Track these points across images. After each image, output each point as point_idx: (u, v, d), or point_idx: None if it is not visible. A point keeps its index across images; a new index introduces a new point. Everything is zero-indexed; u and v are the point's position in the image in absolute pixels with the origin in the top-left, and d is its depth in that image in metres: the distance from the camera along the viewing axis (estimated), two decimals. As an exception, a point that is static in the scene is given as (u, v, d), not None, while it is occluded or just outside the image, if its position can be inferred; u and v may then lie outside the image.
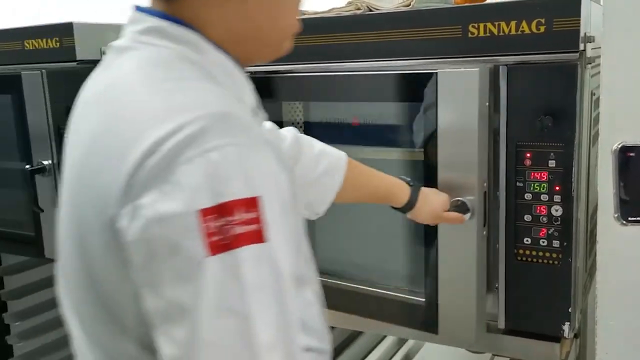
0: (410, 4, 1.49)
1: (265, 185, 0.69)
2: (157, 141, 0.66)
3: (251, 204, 0.66)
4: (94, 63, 1.80)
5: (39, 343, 2.35)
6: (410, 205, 1.35)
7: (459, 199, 1.35)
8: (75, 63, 1.83)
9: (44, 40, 1.88)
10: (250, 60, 0.86)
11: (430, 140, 1.38)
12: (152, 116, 0.69)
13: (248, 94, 0.85)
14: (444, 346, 1.77)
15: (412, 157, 1.48)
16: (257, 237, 0.67)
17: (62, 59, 1.85)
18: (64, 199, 0.84)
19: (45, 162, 1.92)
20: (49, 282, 2.39)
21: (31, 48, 1.93)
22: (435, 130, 1.35)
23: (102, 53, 1.85)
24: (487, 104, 1.33)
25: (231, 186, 0.66)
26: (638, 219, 0.79)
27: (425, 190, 1.36)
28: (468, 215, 1.33)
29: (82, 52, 1.83)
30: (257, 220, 0.67)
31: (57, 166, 1.91)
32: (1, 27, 2.01)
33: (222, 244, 0.65)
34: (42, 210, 1.98)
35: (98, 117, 0.77)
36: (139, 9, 0.84)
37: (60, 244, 0.88)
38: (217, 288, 0.65)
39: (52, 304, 2.40)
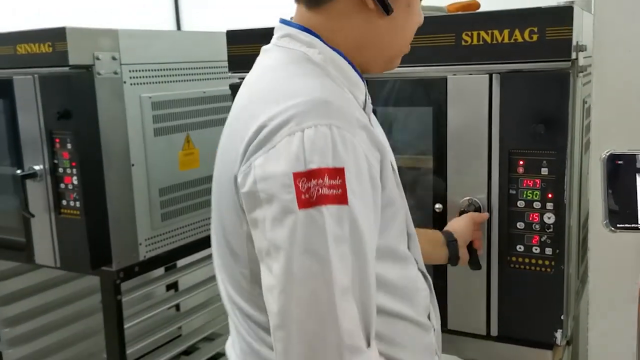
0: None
1: (351, 160, 0.86)
2: (271, 117, 0.87)
3: (336, 173, 0.84)
4: (87, 68, 1.84)
5: (29, 350, 2.33)
6: (452, 259, 1.35)
7: (470, 197, 1.36)
8: (67, 68, 1.82)
9: (37, 44, 1.87)
10: (365, 66, 1.04)
11: (439, 142, 1.39)
12: (271, 99, 0.91)
13: (360, 90, 1.03)
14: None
15: (419, 161, 1.48)
16: (340, 199, 0.84)
17: (54, 64, 1.84)
18: (217, 159, 1.04)
19: (37, 167, 1.91)
20: (39, 288, 2.38)
21: (23, 52, 1.91)
22: (445, 133, 1.37)
23: (95, 58, 1.84)
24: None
25: (321, 156, 0.84)
26: (626, 225, 0.80)
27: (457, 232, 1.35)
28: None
29: (75, 57, 1.82)
30: (340, 187, 0.84)
31: (48, 171, 1.90)
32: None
33: (310, 200, 0.83)
34: (33, 216, 1.96)
35: (239, 98, 1.02)
36: (281, 20, 1.06)
37: (213, 196, 1.07)
38: (304, 234, 0.83)
39: (43, 310, 2.38)
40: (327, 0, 0.99)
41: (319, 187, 0.83)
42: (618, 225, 0.81)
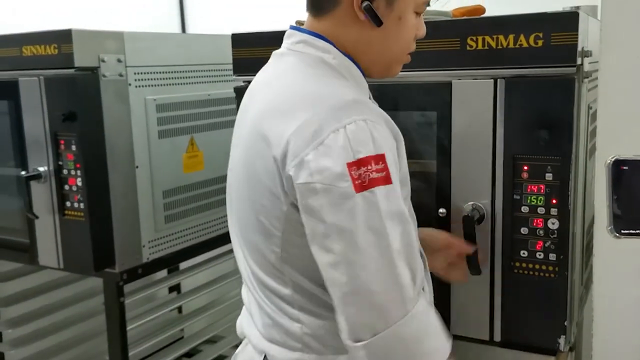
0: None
1: (386, 146, 1.01)
2: (311, 117, 0.99)
3: (379, 158, 0.99)
4: (92, 70, 1.84)
5: (31, 351, 2.33)
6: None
7: (473, 202, 1.36)
8: (73, 70, 1.82)
9: (42, 46, 1.88)
10: (365, 71, 1.15)
11: (443, 147, 1.40)
12: (305, 101, 1.03)
13: (365, 92, 1.16)
14: None
15: (422, 165, 1.48)
16: (386, 180, 0.99)
17: (60, 66, 1.85)
18: (238, 152, 1.16)
19: (41, 169, 1.92)
20: (42, 290, 2.39)
21: (29, 54, 1.92)
22: (449, 138, 1.38)
23: (101, 60, 1.85)
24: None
25: (365, 147, 0.98)
26: (631, 231, 0.80)
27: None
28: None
29: (80, 59, 1.82)
30: (384, 169, 0.99)
31: (52, 173, 1.91)
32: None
33: (363, 185, 0.96)
34: (37, 217, 1.97)
35: (264, 97, 1.11)
36: (292, 27, 1.17)
37: (233, 184, 1.20)
38: (364, 214, 0.97)
39: (45, 311, 2.39)
40: (327, 9, 1.11)
41: (369, 173, 0.97)
42: (623, 231, 0.81)
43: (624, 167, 0.80)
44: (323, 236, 0.99)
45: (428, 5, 1.16)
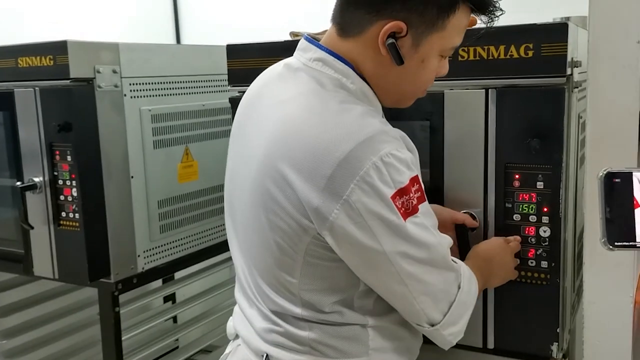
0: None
1: (415, 165, 1.06)
2: (350, 150, 0.99)
3: (415, 179, 1.04)
4: (88, 81, 1.85)
5: (26, 361, 2.33)
6: None
7: (467, 211, 1.37)
8: (68, 81, 1.83)
9: (38, 57, 1.89)
10: (381, 98, 1.15)
11: (436, 156, 1.41)
12: (338, 133, 1.01)
13: (379, 111, 1.16)
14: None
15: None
16: (423, 199, 1.06)
17: (55, 77, 1.85)
18: (246, 172, 1.13)
19: (36, 179, 1.92)
20: (37, 300, 2.38)
21: (25, 66, 1.93)
22: (442, 147, 1.40)
23: (96, 71, 1.86)
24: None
25: (402, 175, 1.02)
26: (624, 243, 0.80)
27: None
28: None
29: (76, 70, 1.83)
30: (420, 189, 1.06)
31: (48, 183, 1.91)
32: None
33: (408, 212, 1.03)
34: (32, 227, 1.97)
35: (282, 119, 1.08)
36: (307, 39, 1.15)
37: (238, 199, 1.19)
38: (415, 235, 1.04)
39: (41, 321, 2.38)
40: (352, 34, 1.09)
41: (411, 200, 1.03)
42: (616, 244, 0.81)
43: (616, 180, 0.80)
44: (384, 261, 1.04)
45: (455, 51, 1.16)
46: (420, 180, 1.07)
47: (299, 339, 1.13)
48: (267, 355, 1.15)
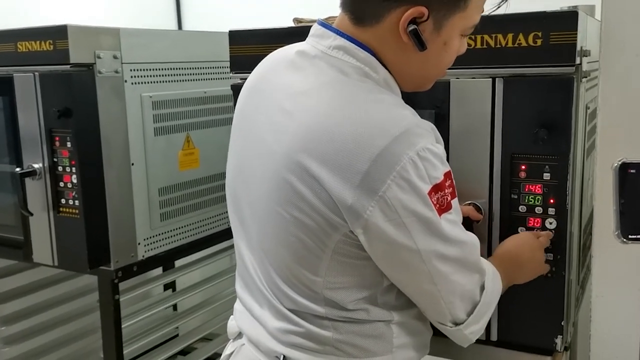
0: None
1: (446, 162, 1.02)
2: (385, 146, 0.94)
3: (448, 175, 1.01)
4: (88, 66, 1.83)
5: (25, 348, 2.32)
6: None
7: (472, 202, 1.36)
8: (68, 66, 1.81)
9: (38, 42, 1.87)
10: (402, 84, 1.11)
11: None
12: (375, 127, 0.97)
13: (400, 99, 1.10)
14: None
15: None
16: (455, 194, 1.04)
17: (55, 62, 1.83)
18: (262, 164, 1.07)
19: (36, 166, 1.91)
20: (36, 287, 2.38)
21: (24, 50, 1.91)
22: (447, 136, 1.37)
23: (97, 57, 1.83)
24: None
25: (436, 171, 0.98)
26: (639, 236, 0.78)
27: None
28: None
29: (76, 55, 1.81)
30: (452, 185, 1.03)
31: (47, 170, 1.89)
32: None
33: (442, 208, 1.00)
34: (32, 214, 1.96)
35: (306, 111, 1.02)
36: (323, 24, 1.09)
37: (248, 190, 1.13)
38: (449, 231, 1.02)
39: (40, 308, 2.37)
40: (372, 22, 1.03)
41: (446, 196, 1.00)
42: (630, 237, 0.79)
43: (631, 170, 0.78)
44: (416, 260, 1.02)
45: (476, 28, 1.11)
46: (452, 176, 1.04)
47: (322, 339, 1.09)
48: (284, 356, 1.11)
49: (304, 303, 1.08)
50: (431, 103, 1.38)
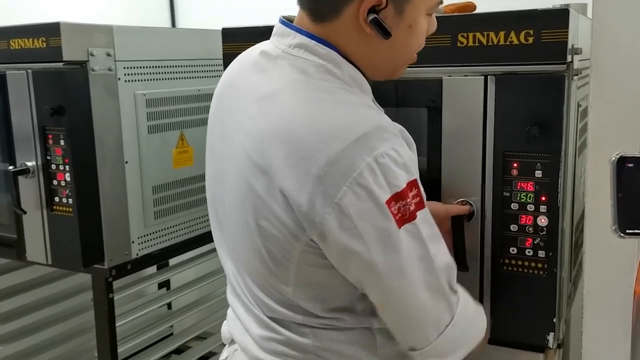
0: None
1: (413, 167, 0.96)
2: (342, 150, 0.90)
3: (413, 184, 0.94)
4: (81, 64, 1.82)
5: (19, 347, 2.32)
6: None
7: (464, 199, 1.36)
8: (61, 64, 1.80)
9: (30, 39, 1.86)
10: (371, 75, 1.06)
11: (433, 143, 1.39)
12: (332, 130, 0.92)
13: (369, 94, 1.07)
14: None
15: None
16: (421, 205, 0.96)
17: (48, 59, 1.82)
18: (230, 170, 1.05)
19: (29, 164, 1.90)
20: (30, 285, 2.37)
21: (17, 47, 1.90)
22: (439, 134, 1.37)
23: (90, 54, 1.83)
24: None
25: (399, 178, 0.92)
26: (636, 231, 0.77)
27: None
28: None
29: (69, 53, 1.80)
30: (418, 194, 0.96)
31: (40, 168, 1.89)
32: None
33: (404, 218, 0.93)
34: (25, 212, 1.95)
35: (268, 116, 0.98)
36: (284, 23, 1.05)
37: (222, 199, 1.10)
38: (409, 246, 0.94)
39: (33, 307, 2.37)
40: (331, 18, 1.00)
41: (408, 205, 0.93)
42: (627, 231, 0.78)
43: (629, 165, 0.77)
44: (372, 272, 0.96)
45: (441, 3, 1.08)
46: (420, 185, 0.97)
47: (302, 347, 1.06)
48: None
49: (282, 311, 1.06)
50: (422, 101, 1.38)
